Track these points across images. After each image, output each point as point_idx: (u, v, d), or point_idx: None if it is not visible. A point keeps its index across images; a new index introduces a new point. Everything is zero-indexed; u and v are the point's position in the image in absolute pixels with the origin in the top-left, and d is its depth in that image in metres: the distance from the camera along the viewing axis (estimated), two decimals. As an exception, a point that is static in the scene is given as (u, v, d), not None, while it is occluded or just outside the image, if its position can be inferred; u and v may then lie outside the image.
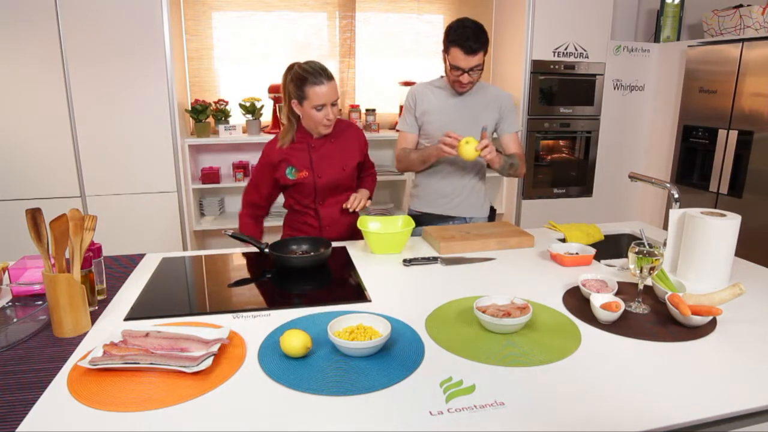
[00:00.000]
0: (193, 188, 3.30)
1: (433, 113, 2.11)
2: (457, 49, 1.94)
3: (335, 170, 1.97)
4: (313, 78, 1.79)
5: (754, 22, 3.07)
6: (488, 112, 2.14)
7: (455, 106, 2.12)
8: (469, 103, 2.13)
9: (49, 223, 1.23)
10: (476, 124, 2.11)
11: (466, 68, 1.96)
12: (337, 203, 2.01)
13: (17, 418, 0.93)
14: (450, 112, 2.11)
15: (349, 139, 2.02)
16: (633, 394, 1.01)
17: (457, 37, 1.93)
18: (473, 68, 1.97)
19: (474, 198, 2.24)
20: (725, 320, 1.31)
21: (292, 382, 1.03)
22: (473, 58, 1.94)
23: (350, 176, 2.02)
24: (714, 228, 1.49)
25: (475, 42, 1.92)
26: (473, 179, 2.22)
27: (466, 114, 2.12)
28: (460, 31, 1.93)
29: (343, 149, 1.99)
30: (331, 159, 1.96)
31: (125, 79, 2.96)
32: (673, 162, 3.56)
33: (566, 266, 1.70)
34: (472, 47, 1.92)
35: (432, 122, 2.11)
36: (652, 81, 3.87)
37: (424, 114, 2.12)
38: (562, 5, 3.54)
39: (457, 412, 0.95)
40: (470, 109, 2.12)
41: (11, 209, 2.96)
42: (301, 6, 3.61)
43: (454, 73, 2.01)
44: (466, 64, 1.95)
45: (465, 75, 1.99)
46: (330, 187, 1.98)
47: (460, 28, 1.95)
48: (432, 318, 1.32)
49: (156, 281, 1.60)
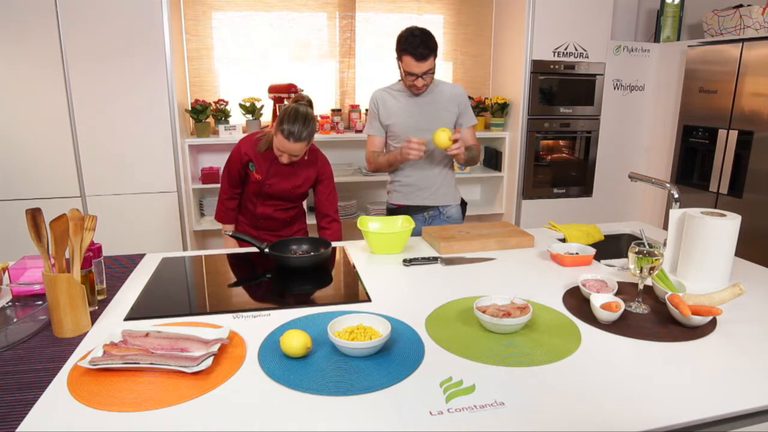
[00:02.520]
0: (193, 188, 3.31)
1: (396, 115, 2.22)
2: (408, 57, 2.07)
3: (285, 186, 2.15)
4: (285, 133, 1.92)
5: (754, 22, 3.07)
6: (449, 108, 2.25)
7: (416, 106, 2.22)
8: (429, 101, 2.23)
9: (49, 223, 1.23)
10: (439, 120, 2.22)
11: (419, 73, 2.09)
12: (275, 205, 2.20)
13: (17, 418, 0.93)
14: (413, 112, 2.22)
15: (308, 166, 2.16)
16: (633, 394, 1.01)
17: (408, 46, 2.05)
18: (425, 72, 2.09)
19: (446, 188, 2.35)
20: (725, 320, 1.31)
21: (292, 382, 1.03)
22: (424, 63, 2.07)
23: (297, 196, 2.21)
24: (714, 228, 1.49)
25: (424, 48, 2.04)
26: (443, 170, 2.33)
27: (427, 112, 2.22)
28: (410, 40, 2.05)
29: (300, 171, 2.15)
30: (285, 178, 2.14)
31: (125, 78, 2.96)
32: (673, 162, 3.56)
33: (566, 266, 1.70)
34: (422, 53, 2.04)
35: (397, 124, 2.22)
36: (652, 81, 3.87)
37: (388, 117, 2.23)
38: (562, 5, 3.54)
39: (457, 412, 0.95)
40: (431, 107, 2.23)
41: (11, 209, 2.96)
42: (301, 6, 3.61)
43: (408, 79, 2.13)
44: (419, 69, 2.08)
45: (419, 79, 2.11)
46: (274, 196, 2.17)
47: (409, 37, 2.06)
48: (432, 318, 1.32)
49: (156, 281, 1.60)
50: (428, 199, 2.32)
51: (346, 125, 3.72)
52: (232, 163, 2.15)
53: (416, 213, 2.31)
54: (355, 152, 3.87)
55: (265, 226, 2.25)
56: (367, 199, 3.94)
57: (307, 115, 1.95)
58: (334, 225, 2.28)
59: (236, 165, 2.14)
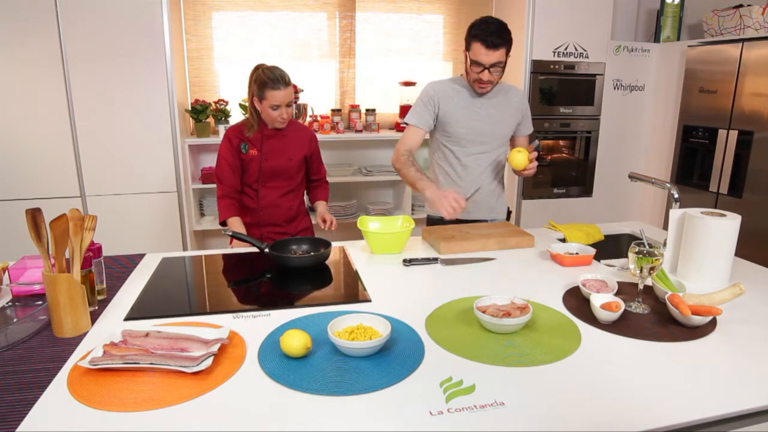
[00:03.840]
0: (193, 188, 3.31)
1: (458, 113, 2.04)
2: (478, 44, 1.89)
3: (282, 159, 2.18)
4: (272, 84, 2.02)
5: (754, 22, 3.07)
6: (513, 114, 2.12)
7: (481, 107, 2.06)
8: (494, 104, 2.08)
9: (49, 223, 1.23)
10: (502, 123, 2.09)
11: (486, 64, 1.91)
12: (277, 188, 2.22)
13: (17, 418, 0.93)
14: (477, 113, 2.06)
15: (299, 136, 2.23)
16: (633, 394, 1.01)
17: (480, 32, 1.89)
18: (494, 65, 1.92)
19: (493, 203, 2.20)
20: (725, 320, 1.31)
21: (292, 382, 1.03)
22: (494, 53, 1.89)
23: (295, 167, 2.22)
24: (714, 228, 1.49)
25: (497, 37, 1.88)
26: (493, 185, 2.18)
27: (493, 116, 2.08)
28: (483, 26, 1.90)
29: (292, 143, 2.20)
30: (279, 148, 2.18)
31: (125, 78, 2.96)
32: (673, 162, 3.56)
33: (566, 266, 1.70)
34: (494, 42, 1.88)
35: (458, 123, 2.05)
36: (652, 81, 3.87)
37: (447, 113, 2.05)
38: (562, 5, 3.54)
39: (457, 412, 0.95)
40: (496, 110, 2.08)
41: (11, 209, 2.96)
42: (301, 6, 3.61)
43: (474, 70, 1.95)
44: (487, 59, 1.90)
45: (485, 72, 1.93)
46: (274, 172, 2.18)
47: (483, 23, 1.91)
48: (432, 318, 1.32)
49: (156, 281, 1.60)
50: (479, 213, 2.17)
51: (346, 125, 3.72)
52: (224, 153, 2.16)
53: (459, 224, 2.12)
54: (355, 152, 3.87)
55: (269, 220, 2.23)
56: (367, 199, 3.94)
57: (277, 66, 2.07)
58: (324, 185, 2.39)
59: (230, 153, 2.15)
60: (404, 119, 2.14)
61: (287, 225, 2.27)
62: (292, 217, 2.28)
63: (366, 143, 3.85)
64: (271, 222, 2.24)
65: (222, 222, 2.15)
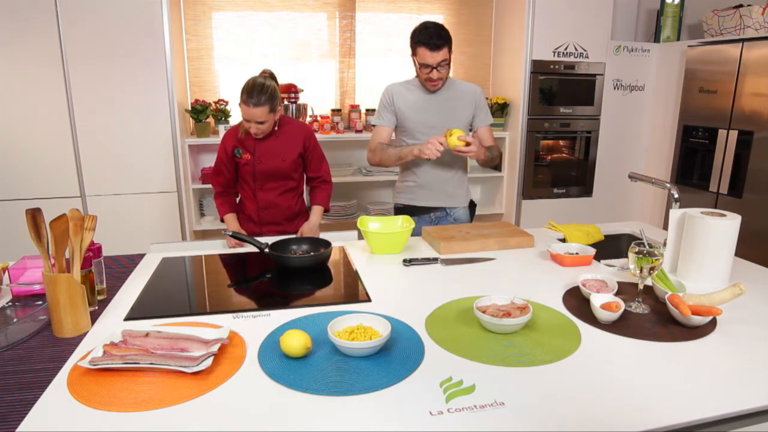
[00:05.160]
0: (193, 188, 3.31)
1: (410, 109, 2.21)
2: (423, 48, 2.08)
3: (275, 161, 2.19)
4: (245, 97, 2.06)
5: (754, 22, 3.07)
6: (464, 107, 2.26)
7: (432, 102, 2.22)
8: (445, 98, 2.23)
9: (49, 223, 1.23)
10: (454, 118, 2.22)
11: (433, 64, 2.09)
12: (274, 189, 2.23)
13: (17, 418, 0.93)
14: (428, 108, 2.21)
15: (292, 136, 2.23)
16: (633, 394, 1.01)
17: (423, 37, 2.08)
18: (440, 63, 2.09)
19: (455, 189, 2.33)
20: (725, 320, 1.31)
21: (292, 382, 1.03)
22: (439, 53, 2.07)
23: (290, 167, 2.23)
24: (714, 228, 1.49)
25: (438, 39, 2.06)
26: (455, 171, 2.31)
27: (443, 109, 2.22)
28: (424, 32, 2.09)
29: (285, 143, 2.21)
30: (271, 150, 2.19)
31: (125, 78, 2.96)
32: (673, 162, 3.56)
33: (566, 266, 1.70)
34: (437, 43, 2.06)
35: (410, 118, 2.21)
36: (652, 81, 3.87)
37: (401, 111, 2.22)
38: (562, 5, 3.54)
39: (457, 412, 0.95)
40: (447, 104, 2.23)
41: (11, 209, 2.96)
42: (301, 6, 3.61)
43: (423, 71, 2.13)
44: (433, 59, 2.08)
45: (434, 71, 2.10)
46: (268, 173, 2.20)
47: (423, 29, 2.10)
48: (432, 318, 1.32)
49: (156, 281, 1.60)
50: (436, 200, 2.31)
51: (346, 125, 3.72)
52: (220, 155, 2.23)
53: (423, 213, 2.30)
54: (355, 152, 3.87)
55: (268, 219, 2.25)
56: (367, 199, 3.94)
57: (264, 83, 2.08)
58: (324, 185, 2.36)
59: (225, 155, 2.21)
60: (372, 122, 2.35)
61: (287, 224, 2.28)
62: (291, 216, 2.29)
63: (366, 143, 3.80)
64: (271, 221, 2.25)
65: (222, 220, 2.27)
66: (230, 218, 2.25)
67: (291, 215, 2.29)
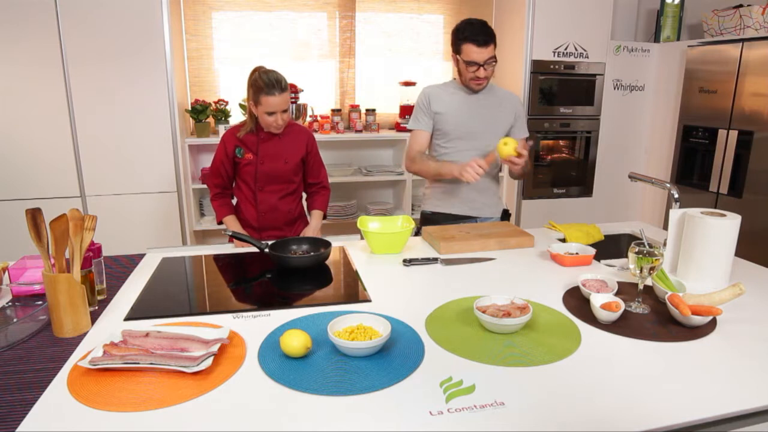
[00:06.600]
0: (193, 188, 3.31)
1: (449, 112, 2.12)
2: (469, 45, 2.00)
3: (278, 162, 2.16)
4: (267, 89, 2.00)
5: (754, 22, 3.07)
6: (505, 113, 2.18)
7: (472, 105, 2.14)
8: (484, 102, 2.15)
9: (49, 223, 1.23)
10: (494, 122, 2.15)
11: (481, 61, 2.01)
12: (274, 192, 2.20)
13: (17, 418, 0.93)
14: (467, 111, 2.13)
15: (295, 138, 2.21)
16: (633, 394, 1.01)
17: (469, 33, 2.00)
18: (487, 61, 2.02)
19: (488, 198, 2.23)
20: (725, 320, 1.31)
21: (292, 382, 1.03)
22: (486, 49, 2.00)
23: (292, 170, 2.21)
24: (714, 228, 1.49)
25: (485, 35, 1.99)
26: (488, 180, 2.21)
27: (484, 114, 2.14)
28: (470, 28, 2.01)
29: (288, 145, 2.18)
30: (275, 151, 2.16)
31: (125, 79, 2.96)
32: (673, 162, 3.56)
33: (566, 266, 1.70)
34: (485, 39, 1.99)
35: (448, 121, 2.12)
36: (652, 81, 3.87)
37: (439, 113, 2.13)
38: (562, 5, 3.54)
39: (457, 412, 0.95)
40: (487, 108, 2.15)
41: (11, 209, 2.96)
42: (301, 6, 3.61)
43: (470, 70, 2.04)
44: (481, 57, 2.00)
45: (481, 69, 2.03)
46: (270, 175, 2.17)
47: (469, 25, 2.02)
48: (432, 318, 1.32)
49: (156, 281, 1.60)
50: (465, 209, 2.20)
51: (346, 125, 3.72)
52: (218, 157, 2.18)
53: (452, 222, 2.18)
54: (355, 152, 3.87)
55: (268, 223, 2.23)
56: (367, 199, 3.94)
57: (273, 71, 2.05)
58: (322, 191, 2.34)
59: (223, 155, 2.16)
60: (408, 126, 2.26)
61: (287, 228, 2.27)
62: (291, 220, 2.27)
63: (366, 143, 3.85)
64: (271, 225, 2.23)
65: (219, 222, 2.22)
66: (230, 219, 2.20)
67: (291, 220, 2.27)
